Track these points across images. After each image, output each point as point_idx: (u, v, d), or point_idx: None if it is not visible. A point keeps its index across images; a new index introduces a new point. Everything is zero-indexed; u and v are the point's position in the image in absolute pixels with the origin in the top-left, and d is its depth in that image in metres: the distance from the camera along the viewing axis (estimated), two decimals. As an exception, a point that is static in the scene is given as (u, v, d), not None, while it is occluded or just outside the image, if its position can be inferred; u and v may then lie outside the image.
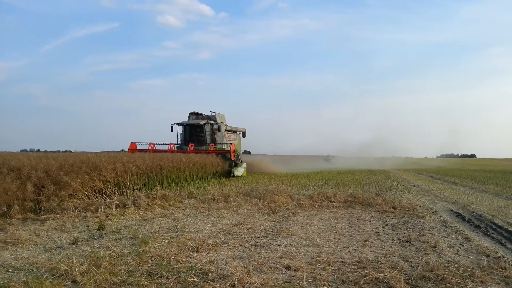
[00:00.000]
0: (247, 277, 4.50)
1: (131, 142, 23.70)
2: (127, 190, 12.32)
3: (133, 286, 4.30)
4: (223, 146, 25.59)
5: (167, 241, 6.51)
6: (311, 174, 25.88)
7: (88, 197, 10.88)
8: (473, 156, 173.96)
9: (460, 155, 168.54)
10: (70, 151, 20.26)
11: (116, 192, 11.84)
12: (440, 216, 9.39)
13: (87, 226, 7.92)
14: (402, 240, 6.83)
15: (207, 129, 26.03)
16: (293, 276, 4.74)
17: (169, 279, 4.52)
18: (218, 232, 7.35)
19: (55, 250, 6.02)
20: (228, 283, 4.34)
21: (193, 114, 27.40)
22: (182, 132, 26.23)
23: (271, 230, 7.59)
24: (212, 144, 24.76)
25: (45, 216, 8.71)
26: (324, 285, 4.45)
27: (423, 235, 7.19)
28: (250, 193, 12.74)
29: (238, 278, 4.45)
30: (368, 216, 9.47)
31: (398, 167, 46.10)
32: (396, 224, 8.38)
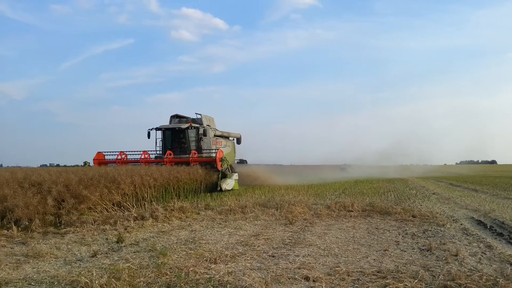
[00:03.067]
0: (265, 288, 4.49)
1: (98, 152, 20.26)
2: (145, 203, 12.43)
3: (152, 298, 4.32)
4: (211, 154, 21.03)
5: (185, 253, 6.53)
6: (328, 184, 25.61)
7: (107, 210, 11.02)
8: (493, 162, 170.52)
9: (480, 161, 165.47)
10: (89, 164, 19.95)
11: (134, 205, 11.96)
12: (461, 224, 9.21)
13: (106, 239, 8.01)
14: (423, 249, 6.73)
15: (191, 134, 21.70)
16: (312, 287, 4.70)
17: (187, 290, 4.53)
18: (236, 243, 7.35)
19: (75, 263, 6.10)
20: (247, 294, 4.33)
21: (176, 117, 23.06)
22: (162, 138, 21.88)
23: (289, 240, 7.56)
24: (194, 151, 20.38)
25: (65, 229, 8.85)
26: (344, 295, 4.40)
27: (444, 244, 7.07)
28: (267, 203, 12.71)
29: (256, 289, 4.43)
30: (387, 225, 9.35)
31: (417, 175, 45.40)
32: (416, 233, 8.25)
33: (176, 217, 10.58)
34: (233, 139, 28.09)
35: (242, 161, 29.58)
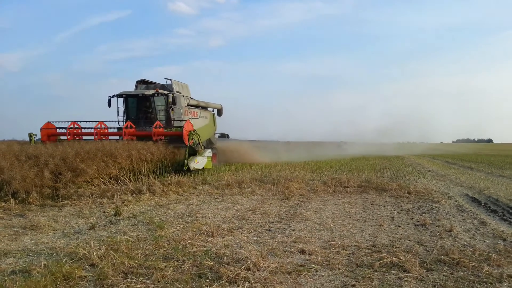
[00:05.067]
0: (261, 261, 4.55)
1: (47, 122, 16.56)
2: (142, 177, 12.45)
3: (150, 269, 4.37)
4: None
5: (182, 226, 6.59)
6: (324, 161, 25.64)
7: (104, 183, 11.04)
8: (490, 141, 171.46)
9: (476, 140, 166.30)
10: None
11: (132, 179, 11.98)
12: (456, 201, 9.30)
13: (104, 212, 8.05)
14: (417, 225, 6.81)
15: (158, 102, 18.35)
16: (307, 260, 4.77)
17: (185, 262, 4.59)
18: (233, 217, 7.41)
19: (73, 235, 6.15)
20: (243, 266, 4.39)
21: (142, 83, 19.68)
22: (124, 106, 18.53)
23: (285, 215, 7.63)
24: (159, 122, 16.77)
25: (62, 202, 8.89)
26: (339, 268, 4.47)
27: (438, 220, 7.15)
28: (263, 179, 12.78)
29: (253, 261, 4.49)
30: (383, 201, 9.43)
31: (414, 153, 45.56)
32: (411, 209, 8.33)
33: (173, 191, 10.63)
34: (213, 110, 24.17)
35: (223, 135, 26.59)
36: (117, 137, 15.80)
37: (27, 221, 7.07)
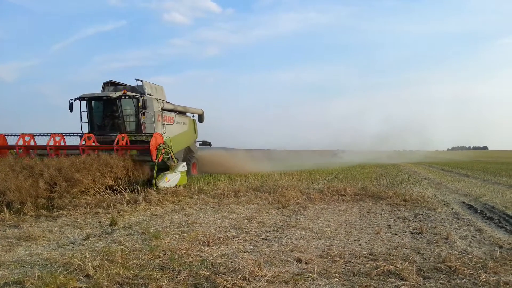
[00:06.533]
0: (258, 270, 4.52)
1: None
2: (138, 187, 12.38)
3: (146, 279, 4.33)
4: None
5: (178, 235, 6.55)
6: (321, 169, 25.64)
7: (99, 193, 10.97)
8: (485, 148, 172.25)
9: (472, 147, 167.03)
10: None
11: (127, 189, 11.91)
12: (452, 208, 9.31)
13: (99, 222, 8.00)
14: (414, 233, 6.80)
15: (126, 105, 15.65)
16: (304, 269, 4.74)
17: (181, 272, 4.55)
18: (229, 226, 7.38)
19: (68, 245, 6.09)
20: (240, 276, 4.36)
21: (109, 84, 16.90)
22: (87, 111, 15.78)
23: (282, 224, 7.60)
24: (123, 135, 13.72)
25: (57, 212, 8.83)
26: (336, 277, 4.45)
27: (435, 227, 7.15)
28: (260, 188, 12.75)
29: (249, 271, 4.46)
30: (379, 209, 9.43)
31: (410, 161, 45.64)
32: (407, 217, 8.33)
33: (169, 200, 10.59)
34: (193, 116, 21.72)
35: (205, 143, 24.51)
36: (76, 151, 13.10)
37: (22, 231, 7.00)
